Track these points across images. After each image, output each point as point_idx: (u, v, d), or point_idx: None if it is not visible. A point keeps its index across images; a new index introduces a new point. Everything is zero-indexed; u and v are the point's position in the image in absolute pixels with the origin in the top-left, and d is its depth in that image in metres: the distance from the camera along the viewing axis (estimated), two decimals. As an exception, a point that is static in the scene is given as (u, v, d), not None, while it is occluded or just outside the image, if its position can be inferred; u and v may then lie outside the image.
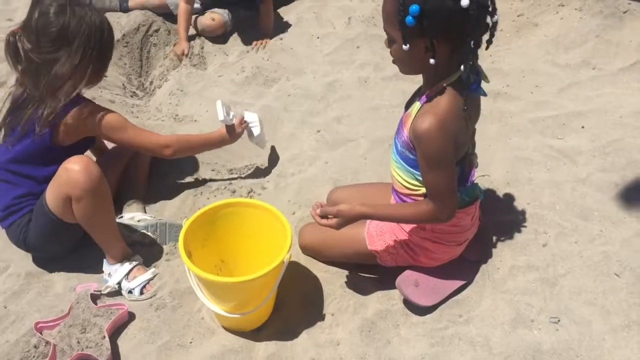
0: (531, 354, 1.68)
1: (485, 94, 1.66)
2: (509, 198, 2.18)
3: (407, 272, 1.85)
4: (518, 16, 3.20)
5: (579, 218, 2.07)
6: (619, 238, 1.99)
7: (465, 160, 1.71)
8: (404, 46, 1.50)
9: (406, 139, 1.65)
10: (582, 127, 2.46)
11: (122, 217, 2.20)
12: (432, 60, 1.50)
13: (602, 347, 1.68)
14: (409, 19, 1.43)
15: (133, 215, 2.21)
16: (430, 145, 1.55)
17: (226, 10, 3.48)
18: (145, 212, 2.29)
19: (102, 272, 2.05)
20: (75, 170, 1.84)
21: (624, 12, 2.96)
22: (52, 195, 1.91)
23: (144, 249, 2.13)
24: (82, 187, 1.84)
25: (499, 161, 2.34)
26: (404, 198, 1.77)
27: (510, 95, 2.70)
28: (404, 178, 1.74)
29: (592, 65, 2.79)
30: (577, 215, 2.09)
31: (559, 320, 1.76)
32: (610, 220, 2.05)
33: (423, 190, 1.69)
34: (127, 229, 2.15)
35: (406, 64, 1.62)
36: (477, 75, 1.60)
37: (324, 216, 1.73)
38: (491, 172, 2.29)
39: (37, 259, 2.11)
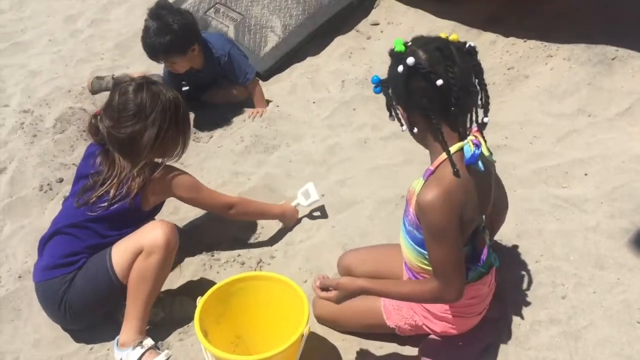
0: (564, 414, 1.63)
1: (481, 169, 1.57)
2: (522, 251, 2.16)
3: (429, 339, 1.81)
4: (508, 69, 3.26)
5: (595, 267, 2.05)
6: (637, 285, 1.96)
7: (477, 238, 1.69)
8: (389, 116, 1.61)
9: (412, 217, 1.62)
10: (585, 174, 2.47)
11: None
12: (403, 128, 1.60)
13: (636, 401, 1.64)
14: (374, 89, 1.59)
15: None
16: (435, 217, 1.51)
17: None
18: None
19: (113, 358, 1.99)
20: (160, 227, 2.00)
21: (612, 59, 3.02)
22: (122, 250, 2.00)
23: (156, 329, 2.09)
24: (159, 243, 1.95)
25: (507, 214, 2.33)
26: (415, 274, 1.74)
27: (510, 148, 2.72)
28: (415, 257, 1.70)
29: (587, 113, 2.83)
30: (592, 264, 2.07)
31: (588, 376, 1.72)
32: (626, 267, 2.03)
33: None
34: None
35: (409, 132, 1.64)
36: (477, 147, 1.53)
37: (324, 288, 1.67)
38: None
39: (44, 353, 2.06)
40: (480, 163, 1.53)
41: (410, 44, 1.54)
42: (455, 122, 1.54)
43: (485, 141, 1.57)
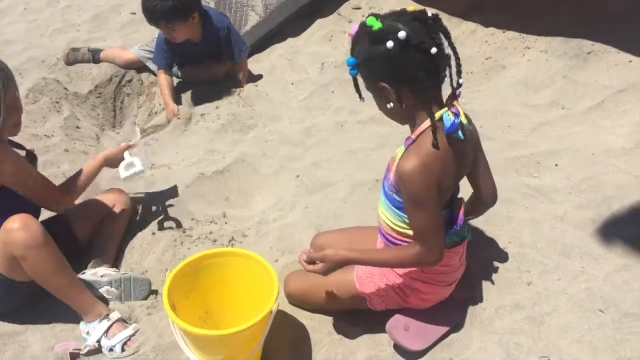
0: (524, 396, 1.67)
1: (461, 137, 1.62)
2: (491, 237, 2.20)
3: (397, 317, 1.83)
4: (486, 59, 3.29)
5: (561, 255, 2.09)
6: (601, 274, 2.00)
7: (455, 204, 1.72)
8: (359, 98, 1.61)
9: (392, 182, 1.67)
10: (556, 165, 2.51)
11: (84, 272, 2.12)
12: (389, 105, 1.58)
13: (594, 385, 1.68)
14: (351, 72, 1.55)
15: (96, 271, 2.14)
16: (414, 185, 1.57)
17: None
18: (113, 267, 2.23)
19: (81, 328, 1.98)
20: (14, 228, 1.83)
21: (588, 53, 3.06)
22: None
23: (123, 304, 2.08)
24: (23, 245, 1.82)
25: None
26: (392, 239, 1.77)
27: (484, 136, 2.70)
28: (391, 220, 1.74)
29: (561, 105, 2.87)
30: (558, 252, 2.11)
31: (549, 360, 1.76)
32: (591, 256, 2.08)
33: (411, 232, 1.69)
34: (90, 285, 2.06)
35: (382, 112, 1.66)
36: (456, 116, 1.59)
37: (310, 262, 1.73)
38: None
39: (10, 317, 2.04)
40: (460, 132, 1.57)
41: (382, 19, 1.52)
42: (439, 89, 1.57)
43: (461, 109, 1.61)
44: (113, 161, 2.28)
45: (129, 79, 3.52)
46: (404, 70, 1.52)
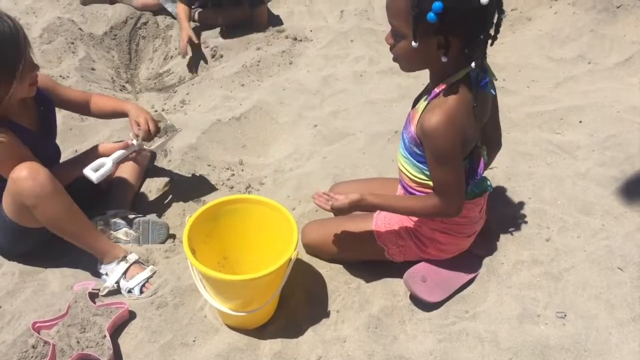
0: (539, 349, 1.67)
1: (494, 93, 1.65)
2: (511, 193, 2.18)
3: (414, 268, 1.83)
4: (512, 10, 3.20)
5: (581, 213, 2.08)
6: (621, 232, 1.99)
7: (474, 154, 1.70)
8: (413, 43, 1.48)
9: (413, 135, 1.64)
10: (580, 121, 2.46)
11: (104, 214, 2.13)
12: (444, 58, 1.49)
13: (609, 341, 1.68)
14: (430, 15, 1.39)
15: (115, 212, 2.15)
16: (438, 141, 1.54)
17: None
18: (131, 211, 2.21)
19: (99, 271, 1.99)
20: (22, 178, 1.80)
21: (618, 7, 2.97)
22: (8, 205, 1.89)
23: (141, 247, 2.09)
24: (32, 194, 1.81)
25: (499, 156, 2.28)
26: (412, 191, 1.76)
27: (507, 90, 2.70)
28: (411, 172, 1.73)
29: (587, 60, 2.80)
30: (578, 210, 2.09)
31: (565, 315, 1.76)
32: (612, 214, 2.06)
33: (431, 183, 1.67)
34: (109, 227, 2.09)
35: (412, 61, 1.59)
36: (485, 72, 1.58)
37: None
38: (492, 166, 2.28)
39: (29, 257, 2.05)
40: (491, 90, 1.56)
41: None
42: (486, 44, 1.50)
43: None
44: (107, 153, 2.06)
45: (145, 21, 3.45)
46: (482, 28, 1.44)
